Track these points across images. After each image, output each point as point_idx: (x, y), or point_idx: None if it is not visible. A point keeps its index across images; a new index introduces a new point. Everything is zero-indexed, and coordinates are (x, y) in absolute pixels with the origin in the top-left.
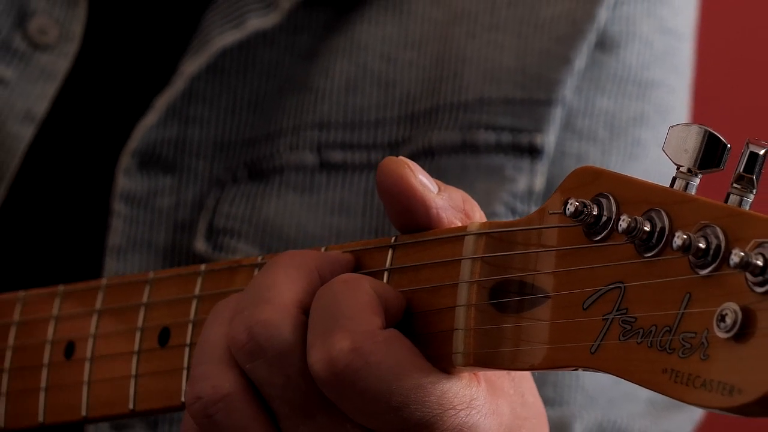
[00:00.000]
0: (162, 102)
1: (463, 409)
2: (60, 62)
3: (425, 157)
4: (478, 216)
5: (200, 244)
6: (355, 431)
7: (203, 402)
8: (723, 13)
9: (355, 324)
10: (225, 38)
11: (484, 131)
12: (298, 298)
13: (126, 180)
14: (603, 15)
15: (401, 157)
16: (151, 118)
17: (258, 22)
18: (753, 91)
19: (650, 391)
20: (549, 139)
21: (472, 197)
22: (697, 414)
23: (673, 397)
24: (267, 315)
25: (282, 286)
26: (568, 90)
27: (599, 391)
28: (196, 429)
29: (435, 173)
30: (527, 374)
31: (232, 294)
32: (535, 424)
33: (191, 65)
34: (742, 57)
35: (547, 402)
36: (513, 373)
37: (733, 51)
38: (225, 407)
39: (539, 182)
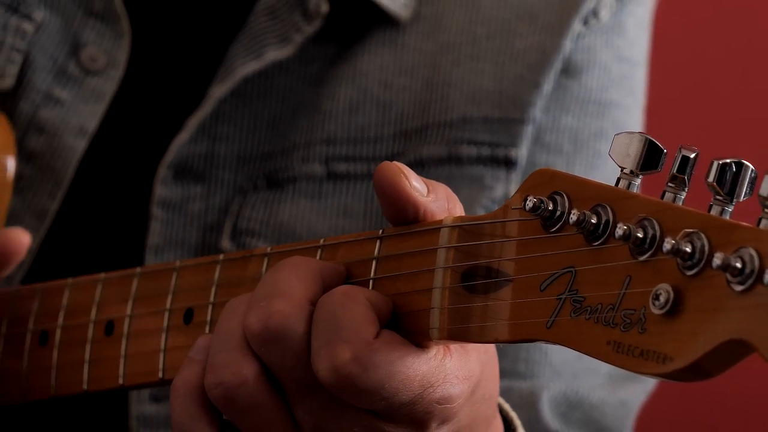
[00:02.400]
0: (193, 122)
1: (439, 385)
2: (107, 85)
3: (417, 168)
4: (459, 211)
5: (226, 243)
6: (351, 408)
7: (224, 387)
8: (672, 44)
9: (354, 335)
10: (247, 67)
11: (467, 146)
12: (308, 295)
13: (163, 188)
14: (567, 46)
15: (396, 162)
16: (184, 136)
17: (275, 54)
18: (697, 107)
19: (610, 366)
20: (522, 152)
21: None
22: (649, 385)
23: (615, 365)
24: (282, 306)
25: (294, 283)
26: (538, 110)
27: (564, 366)
28: (194, 413)
29: None
30: None
31: (244, 293)
32: (491, 367)
33: (218, 90)
34: (688, 80)
35: (520, 375)
36: None
37: (681, 76)
38: (244, 390)
39: (513, 189)
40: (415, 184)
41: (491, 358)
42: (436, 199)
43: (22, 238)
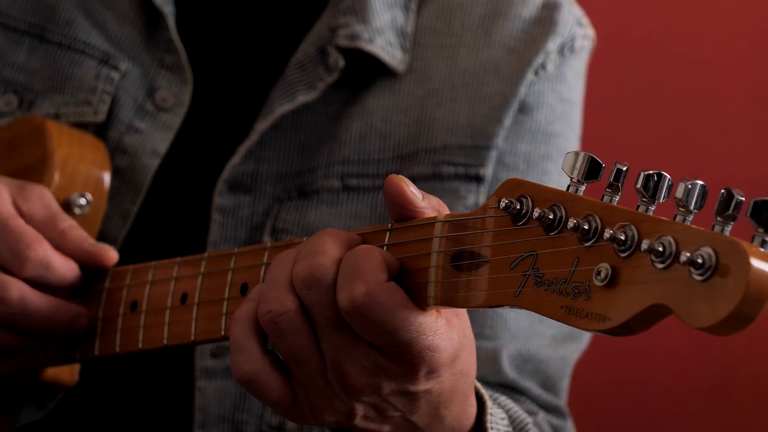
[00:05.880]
0: (243, 148)
1: (431, 335)
2: (175, 119)
3: None
4: (445, 212)
5: (267, 239)
6: (363, 344)
7: (272, 314)
8: (601, 88)
9: (369, 276)
10: (283, 107)
11: (447, 166)
12: (340, 254)
13: (220, 198)
14: (523, 91)
15: (400, 175)
16: (236, 159)
17: (304, 97)
18: (622, 135)
19: (553, 331)
20: (488, 171)
21: None
22: (583, 343)
23: (567, 324)
24: (323, 260)
25: (330, 245)
26: (500, 139)
27: (519, 330)
28: (252, 334)
29: None
30: (466, 316)
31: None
32: (469, 349)
33: (262, 125)
34: (614, 116)
35: (485, 337)
36: (460, 315)
37: (608, 112)
38: (286, 317)
39: (482, 199)
40: (413, 190)
41: (469, 342)
42: (429, 203)
43: (111, 254)
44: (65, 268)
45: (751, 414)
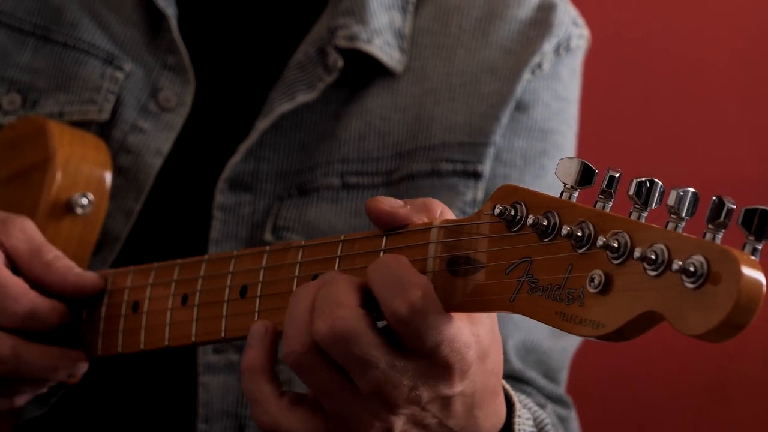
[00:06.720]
0: (243, 147)
1: (456, 332)
2: (177, 119)
3: (408, 180)
4: (440, 209)
5: (268, 236)
6: (399, 375)
7: (296, 354)
8: (596, 88)
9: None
10: (283, 107)
11: (445, 163)
12: (359, 302)
13: (221, 196)
14: (519, 90)
15: (374, 197)
16: (236, 158)
17: (304, 97)
18: (618, 134)
19: None
20: (485, 167)
21: None
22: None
23: (561, 329)
24: (342, 313)
25: (347, 294)
26: (498, 136)
27: (522, 322)
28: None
29: (414, 191)
30: (494, 315)
31: (310, 282)
32: (497, 347)
33: (262, 124)
34: (610, 116)
35: None
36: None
37: (603, 112)
38: (309, 358)
39: (480, 195)
40: (392, 203)
41: (497, 339)
42: (413, 206)
43: (96, 283)
44: (52, 313)
45: (745, 410)
